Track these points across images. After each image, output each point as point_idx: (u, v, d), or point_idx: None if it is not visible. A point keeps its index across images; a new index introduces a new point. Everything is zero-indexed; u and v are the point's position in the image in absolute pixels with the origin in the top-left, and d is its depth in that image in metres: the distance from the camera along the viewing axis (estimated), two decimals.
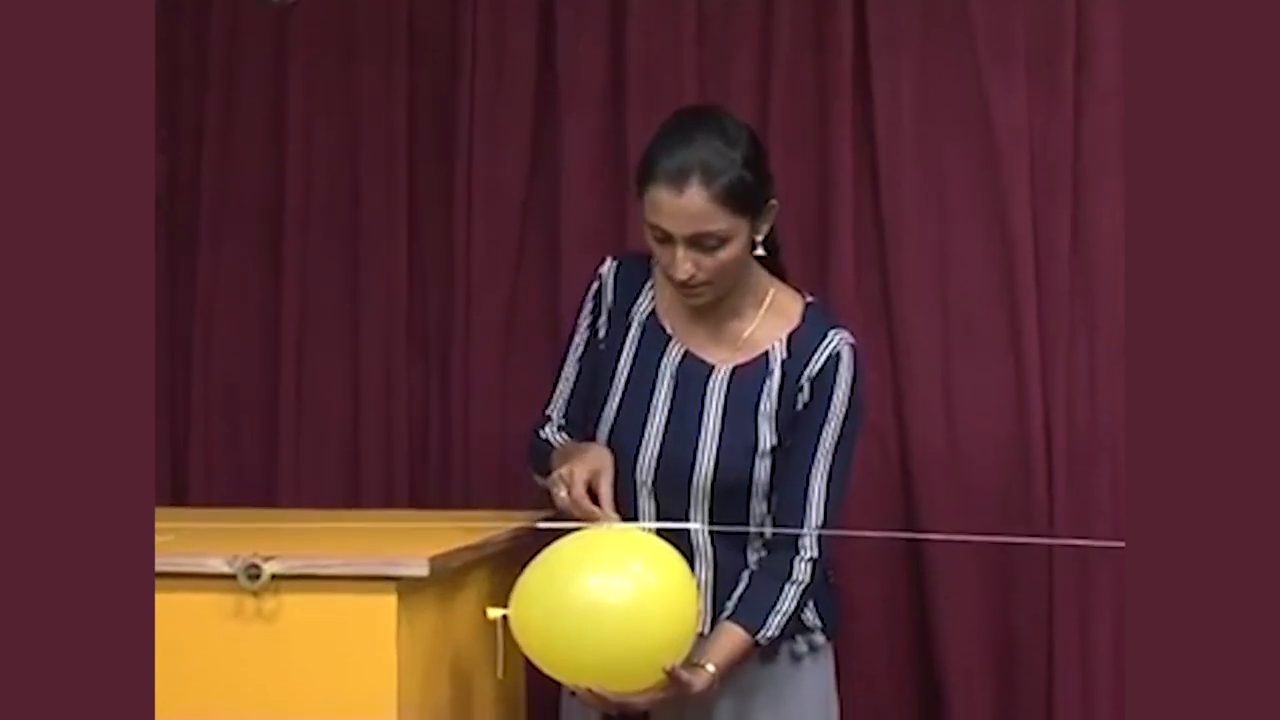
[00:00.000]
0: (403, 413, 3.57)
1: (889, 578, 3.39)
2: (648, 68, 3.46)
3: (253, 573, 2.47)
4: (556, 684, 2.69)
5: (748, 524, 2.78)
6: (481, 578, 2.79)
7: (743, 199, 2.68)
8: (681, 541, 2.69)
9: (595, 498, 2.67)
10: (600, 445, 2.78)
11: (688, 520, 2.75)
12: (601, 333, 2.87)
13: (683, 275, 2.69)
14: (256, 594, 2.49)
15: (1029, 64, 3.37)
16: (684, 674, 2.60)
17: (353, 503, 3.52)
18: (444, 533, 2.77)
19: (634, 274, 2.87)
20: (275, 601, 2.49)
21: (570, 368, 2.91)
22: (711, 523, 2.76)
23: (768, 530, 2.77)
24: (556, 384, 2.92)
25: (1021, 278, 3.35)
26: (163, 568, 2.35)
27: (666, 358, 2.82)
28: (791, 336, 2.79)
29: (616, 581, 2.55)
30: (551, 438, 2.89)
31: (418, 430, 3.57)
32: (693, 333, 2.82)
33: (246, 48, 3.61)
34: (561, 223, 3.50)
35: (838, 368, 2.77)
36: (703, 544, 2.78)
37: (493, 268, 3.52)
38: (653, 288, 2.85)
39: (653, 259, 2.79)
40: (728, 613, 2.74)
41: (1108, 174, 3.32)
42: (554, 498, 2.70)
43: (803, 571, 2.75)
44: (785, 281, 2.87)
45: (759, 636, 2.72)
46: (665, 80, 3.45)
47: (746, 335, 2.81)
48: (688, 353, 2.82)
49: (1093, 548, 3.20)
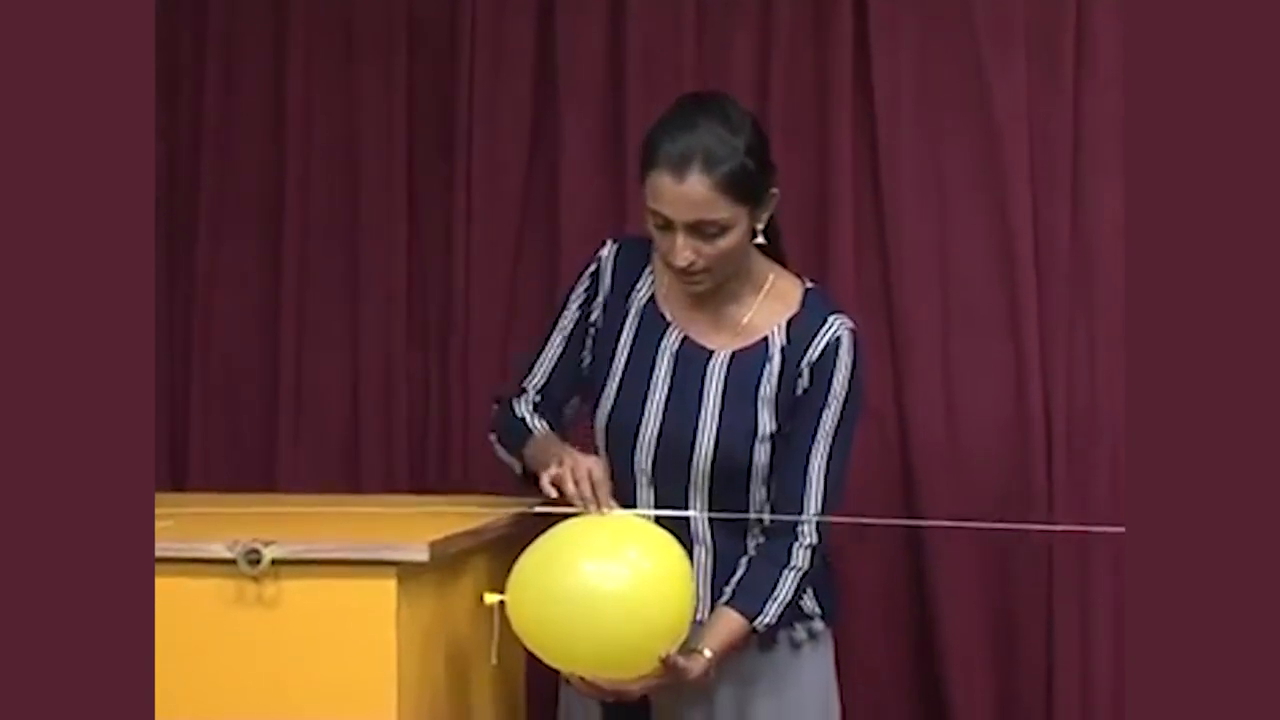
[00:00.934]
0: (402, 399, 3.56)
1: (889, 564, 3.39)
2: (647, 58, 3.46)
3: (253, 558, 2.47)
4: (556, 669, 2.69)
5: (747, 510, 2.78)
6: (481, 563, 2.79)
7: (744, 187, 2.68)
8: (681, 529, 2.69)
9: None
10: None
11: (687, 509, 2.76)
12: (595, 315, 2.86)
13: (682, 262, 2.69)
14: (257, 579, 2.49)
15: (1029, 51, 3.36)
16: (680, 660, 2.60)
17: (352, 488, 3.52)
18: (443, 518, 2.77)
19: (634, 258, 2.86)
20: (275, 586, 2.49)
21: (555, 343, 2.88)
22: (711, 510, 2.77)
23: (766, 517, 2.77)
24: (537, 357, 2.89)
25: (1021, 264, 3.35)
26: (163, 553, 2.36)
27: (665, 343, 2.82)
28: (791, 322, 2.79)
29: (613, 568, 2.55)
30: (529, 418, 2.86)
31: (417, 416, 3.57)
32: (692, 318, 2.82)
33: (246, 39, 3.61)
34: (560, 213, 3.50)
35: (837, 353, 2.77)
36: (702, 532, 2.78)
37: (492, 257, 3.52)
38: (652, 273, 2.85)
39: (653, 243, 2.79)
40: (725, 598, 2.74)
41: (1108, 161, 3.32)
42: (542, 492, 2.68)
43: (801, 558, 2.75)
44: (785, 267, 2.87)
45: (756, 623, 2.72)
46: (664, 70, 3.44)
47: (745, 321, 2.81)
48: (686, 338, 2.81)
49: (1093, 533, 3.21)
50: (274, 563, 2.48)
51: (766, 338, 2.79)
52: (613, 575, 2.54)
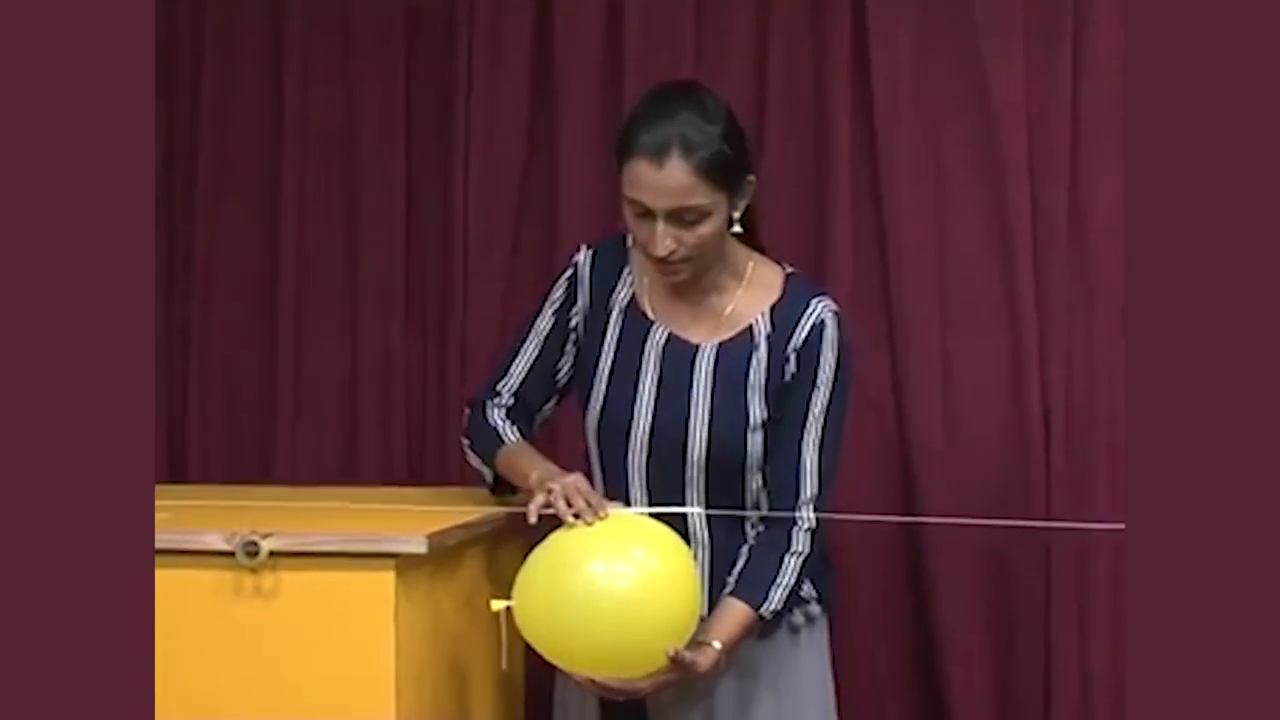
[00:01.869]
0: (400, 391, 3.57)
1: (887, 559, 3.39)
2: (645, 47, 3.46)
3: (251, 550, 2.47)
4: (553, 664, 2.68)
5: (743, 501, 2.78)
6: (479, 554, 2.79)
7: (722, 173, 2.67)
8: (678, 526, 2.69)
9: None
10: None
11: (680, 506, 2.75)
12: (575, 322, 2.85)
13: (663, 251, 2.68)
14: (255, 571, 2.49)
15: (1027, 37, 3.36)
16: (688, 655, 2.60)
17: (350, 480, 3.52)
18: (441, 510, 2.77)
19: (610, 261, 2.85)
20: (273, 578, 2.49)
21: (530, 347, 2.87)
22: (707, 503, 2.76)
23: (765, 514, 2.77)
24: (512, 359, 2.87)
25: (1019, 256, 3.35)
26: (161, 545, 2.35)
27: (650, 342, 2.81)
28: (774, 308, 2.79)
29: (620, 568, 2.55)
30: (500, 426, 2.83)
31: (415, 409, 3.57)
32: (674, 314, 2.81)
33: (244, 33, 3.60)
34: (559, 204, 3.49)
35: (822, 336, 2.76)
36: (699, 530, 2.77)
37: (490, 248, 3.52)
38: (630, 274, 2.84)
39: (629, 242, 2.79)
40: (729, 589, 2.73)
41: (1106, 152, 3.31)
42: (528, 511, 2.64)
43: (802, 542, 2.75)
44: (764, 254, 2.86)
45: (762, 610, 2.72)
46: (663, 59, 3.43)
47: (728, 312, 2.80)
48: (671, 335, 2.81)
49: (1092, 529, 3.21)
50: (272, 555, 2.48)
51: (751, 326, 2.79)
52: (621, 575, 2.54)
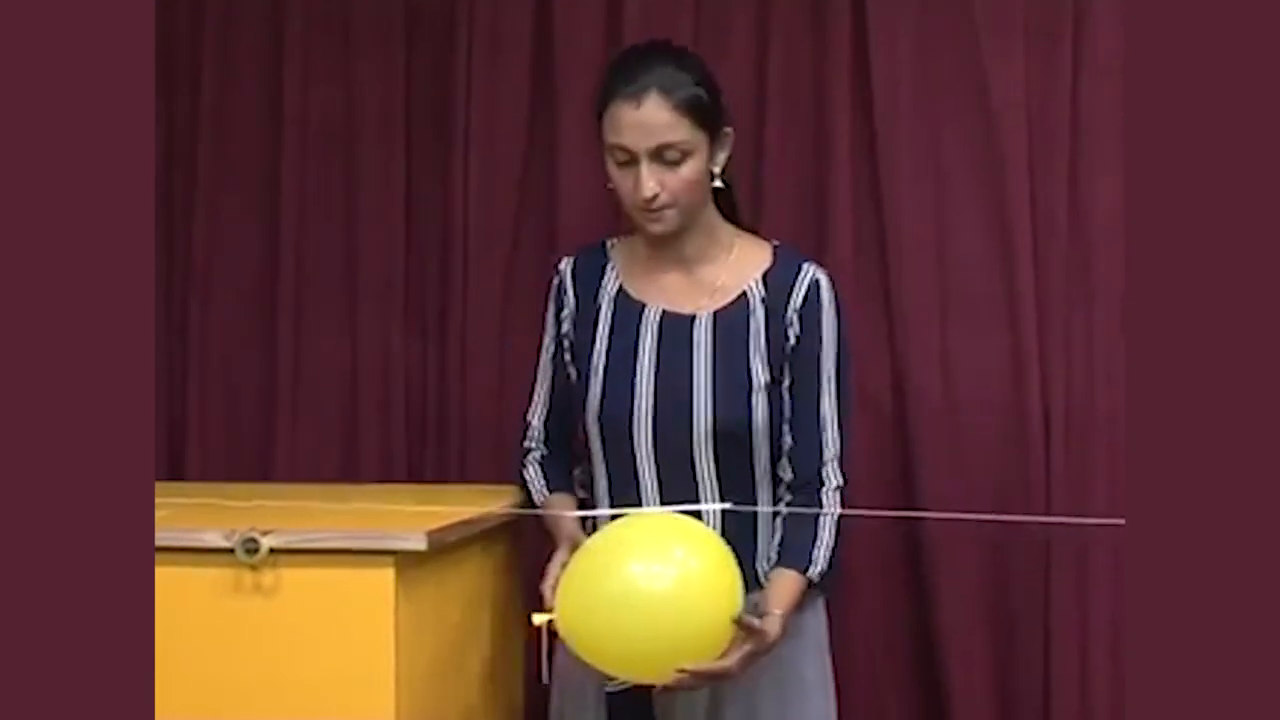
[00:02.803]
0: (400, 388, 3.56)
1: (886, 554, 3.38)
2: None
3: (250, 547, 2.47)
4: (551, 660, 2.67)
5: (751, 467, 2.81)
6: (479, 551, 2.80)
7: (701, 112, 2.76)
8: (691, 508, 2.71)
9: None
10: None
11: (692, 483, 2.78)
12: (565, 327, 2.90)
13: (647, 193, 2.73)
14: (254, 568, 2.49)
15: (1027, 37, 3.35)
16: (756, 621, 2.63)
17: (350, 477, 3.52)
18: (441, 507, 2.77)
19: (592, 263, 2.91)
20: (273, 576, 2.50)
21: (544, 369, 2.97)
22: (717, 474, 2.79)
23: (784, 510, 2.80)
24: (534, 388, 2.98)
25: (1019, 253, 3.34)
26: (161, 542, 2.35)
27: (645, 322, 2.85)
28: (766, 275, 2.84)
29: (661, 568, 2.55)
30: (533, 486, 2.93)
31: (415, 406, 3.57)
32: (665, 292, 2.85)
33: (243, 29, 3.60)
34: (559, 203, 3.49)
35: (820, 296, 2.83)
36: (712, 516, 2.76)
37: (490, 246, 3.52)
38: (614, 268, 2.89)
39: (608, 243, 2.86)
40: (774, 561, 2.78)
41: (1106, 149, 3.31)
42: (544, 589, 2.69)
43: (832, 502, 2.80)
44: (749, 234, 2.92)
45: (810, 573, 2.77)
46: None
47: (720, 282, 2.85)
48: (665, 311, 2.85)
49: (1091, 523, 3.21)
50: (272, 552, 2.48)
51: (745, 293, 2.83)
52: (662, 576, 2.54)
